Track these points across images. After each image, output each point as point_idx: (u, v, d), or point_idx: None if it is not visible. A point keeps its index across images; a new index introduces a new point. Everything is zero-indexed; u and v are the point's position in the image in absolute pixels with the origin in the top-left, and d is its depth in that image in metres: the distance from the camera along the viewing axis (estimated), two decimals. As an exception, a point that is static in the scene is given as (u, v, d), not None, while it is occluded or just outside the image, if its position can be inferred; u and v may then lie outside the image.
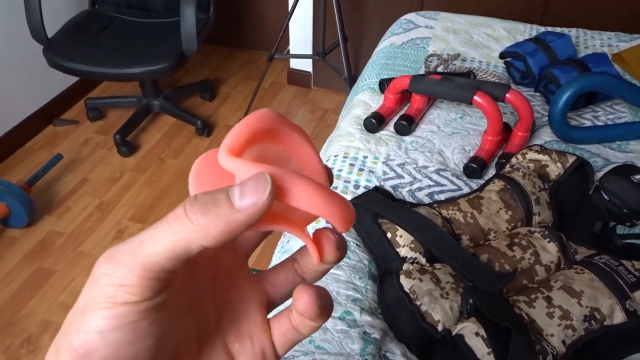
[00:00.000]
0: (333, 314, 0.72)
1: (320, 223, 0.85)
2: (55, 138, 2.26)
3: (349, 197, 0.93)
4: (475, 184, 0.97)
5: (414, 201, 0.94)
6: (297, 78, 2.60)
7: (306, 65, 2.56)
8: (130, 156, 2.17)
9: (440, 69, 1.27)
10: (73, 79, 2.36)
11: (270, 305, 0.28)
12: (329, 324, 0.70)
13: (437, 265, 0.77)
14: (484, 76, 1.24)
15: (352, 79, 2.08)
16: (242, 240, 0.28)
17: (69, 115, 2.38)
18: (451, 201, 0.88)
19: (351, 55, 2.38)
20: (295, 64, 2.58)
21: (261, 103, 2.48)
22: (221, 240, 0.20)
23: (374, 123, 1.07)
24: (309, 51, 2.41)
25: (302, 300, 0.24)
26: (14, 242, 1.79)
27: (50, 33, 1.93)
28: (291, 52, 2.47)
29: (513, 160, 0.95)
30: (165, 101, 2.29)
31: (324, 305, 0.24)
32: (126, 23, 2.14)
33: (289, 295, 0.28)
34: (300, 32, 2.41)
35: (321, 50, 2.15)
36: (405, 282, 0.74)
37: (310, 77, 2.57)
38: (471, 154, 1.03)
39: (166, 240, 0.20)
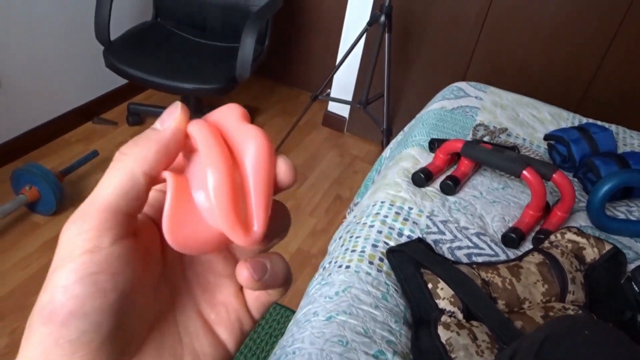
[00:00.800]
0: (367, 350, 0.75)
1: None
2: (93, 135, 2.32)
3: (392, 243, 0.97)
4: (511, 253, 1.01)
5: (453, 258, 0.98)
6: (332, 121, 2.68)
7: (343, 110, 2.64)
8: (161, 165, 2.22)
9: (486, 139, 1.33)
10: (120, 82, 2.45)
11: None
12: (363, 358, 0.73)
13: (474, 323, 0.81)
14: (527, 153, 1.30)
15: (389, 132, 2.16)
16: None
17: (109, 116, 2.45)
18: (490, 265, 0.92)
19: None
20: (332, 107, 2.67)
21: (294, 139, 2.55)
22: (157, 161, 0.22)
23: (422, 178, 1.13)
24: (349, 97, 2.50)
25: (240, 276, 0.24)
26: (37, 228, 1.82)
27: (112, 37, 2.02)
28: (332, 95, 2.56)
29: (552, 237, 1.00)
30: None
31: (265, 276, 0.24)
32: (184, 40, 2.24)
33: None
34: (344, 78, 2.51)
35: (364, 99, 2.23)
36: (443, 333, 0.77)
37: (345, 122, 2.65)
38: (510, 224, 1.08)
39: (114, 179, 0.21)
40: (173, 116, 0.23)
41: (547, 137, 1.35)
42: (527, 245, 1.05)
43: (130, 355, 0.23)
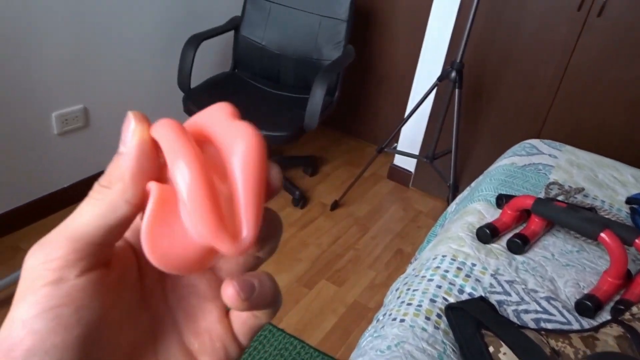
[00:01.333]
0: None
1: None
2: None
3: (452, 299, 0.92)
4: (586, 322, 0.92)
5: (519, 322, 0.90)
6: (397, 174, 2.66)
7: (409, 164, 2.62)
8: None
9: (560, 199, 1.25)
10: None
11: None
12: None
13: (542, 396, 0.73)
14: (606, 216, 1.21)
15: (456, 188, 2.09)
16: None
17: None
18: (561, 333, 0.84)
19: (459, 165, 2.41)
20: (398, 160, 2.65)
21: (358, 190, 2.54)
22: (136, 185, 0.20)
23: (488, 234, 1.07)
24: (415, 150, 2.48)
25: (225, 294, 0.22)
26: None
27: (193, 85, 2.15)
28: (398, 148, 2.55)
29: (634, 309, 0.90)
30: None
31: (253, 295, 0.22)
32: (258, 90, 2.33)
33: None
34: (411, 132, 2.49)
35: (431, 153, 2.20)
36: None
37: (411, 176, 2.62)
38: (585, 291, 0.99)
39: (94, 208, 0.20)
40: (131, 131, 0.21)
41: (629, 201, 1.25)
42: (604, 316, 0.95)
43: None
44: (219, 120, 0.23)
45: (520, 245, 1.05)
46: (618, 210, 1.27)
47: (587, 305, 0.93)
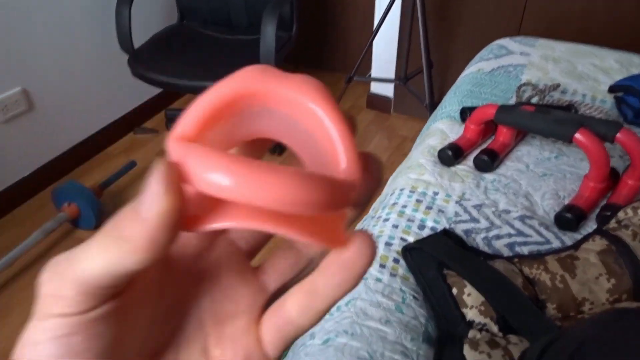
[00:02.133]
0: (373, 384, 0.59)
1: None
2: (134, 145, 2.30)
3: (411, 238, 0.80)
4: (568, 238, 0.81)
5: (490, 251, 0.79)
6: (376, 103, 2.50)
7: (387, 91, 2.45)
8: (201, 169, 2.16)
9: (534, 100, 1.11)
10: (157, 89, 2.42)
11: (270, 301, 0.24)
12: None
13: (513, 339, 0.62)
14: (587, 111, 1.07)
15: (434, 107, 1.94)
16: (238, 234, 0.25)
17: (150, 124, 2.43)
18: (537, 258, 0.72)
19: (436, 83, 2.24)
20: (376, 88, 2.48)
21: (337, 126, 2.39)
22: (152, 258, 0.18)
23: (450, 155, 0.94)
24: (391, 75, 2.31)
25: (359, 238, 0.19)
26: (79, 243, 1.80)
27: (137, 44, 1.97)
28: (373, 75, 2.38)
29: (621, 214, 0.78)
30: (241, 117, 2.27)
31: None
32: (210, 39, 2.15)
33: (290, 285, 0.23)
34: (384, 56, 2.31)
35: (403, 75, 2.03)
36: (470, 355, 0.60)
37: (391, 102, 2.46)
38: (566, 202, 0.86)
39: (100, 257, 0.18)
40: (153, 195, 0.17)
41: (613, 89, 1.10)
42: (591, 226, 0.83)
43: None
44: (262, 80, 0.20)
45: (487, 161, 0.92)
46: (602, 102, 1.12)
47: (567, 218, 0.81)
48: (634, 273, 0.68)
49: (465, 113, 1.05)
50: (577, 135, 0.82)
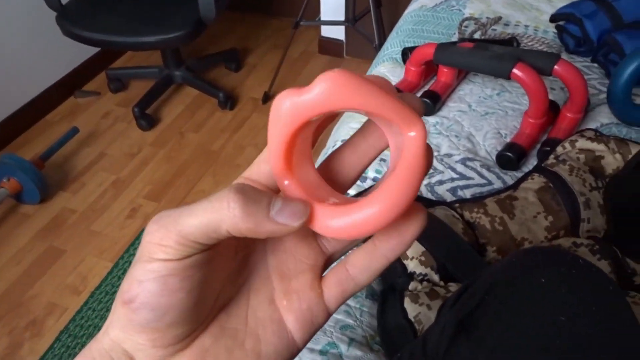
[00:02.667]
0: (312, 346, 0.58)
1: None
2: (76, 110, 2.19)
3: (352, 191, 0.78)
4: (510, 177, 0.80)
5: (433, 197, 0.78)
6: (328, 47, 2.42)
7: (339, 34, 2.37)
8: (149, 130, 2.07)
9: (477, 36, 1.07)
10: (95, 48, 2.28)
11: (328, 262, 0.28)
12: (306, 358, 0.56)
13: (453, 287, 0.61)
14: (530, 43, 1.04)
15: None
16: None
17: (91, 86, 2.31)
18: (477, 201, 0.71)
19: (386, 23, 2.17)
20: (327, 31, 2.40)
21: (290, 73, 2.32)
22: (244, 235, 0.22)
23: (391, 100, 0.90)
24: (342, 18, 2.22)
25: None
26: (26, 219, 1.74)
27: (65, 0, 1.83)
28: (322, 19, 2.28)
29: (559, 149, 0.77)
30: (188, 72, 2.17)
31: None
32: (144, -12, 2.01)
33: (346, 249, 0.28)
34: (333, -3, 2.22)
35: (351, 16, 1.96)
36: (411, 308, 0.59)
37: (343, 45, 2.39)
38: (508, 140, 0.85)
39: (201, 216, 0.22)
40: (290, 221, 0.23)
41: (553, 18, 1.07)
42: (533, 163, 0.82)
43: (194, 336, 0.25)
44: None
45: (429, 104, 0.89)
46: (544, 33, 1.10)
47: (508, 157, 0.80)
48: (571, 208, 0.68)
49: (406, 54, 1.01)
50: (515, 71, 0.79)
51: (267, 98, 2.18)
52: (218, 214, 0.22)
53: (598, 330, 0.40)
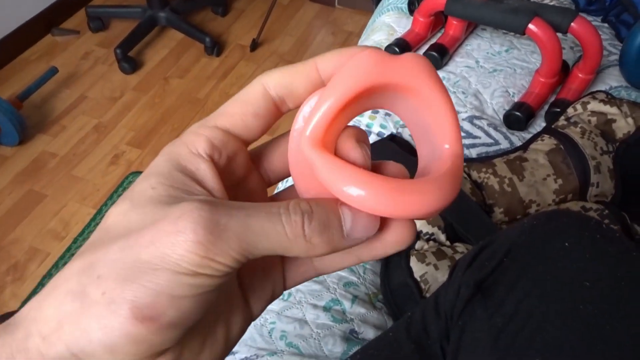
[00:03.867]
0: (316, 302, 0.57)
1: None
2: (54, 49, 2.08)
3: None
4: (517, 137, 0.78)
5: (438, 155, 0.76)
6: (320, -6, 2.33)
7: (331, -20, 2.28)
8: (132, 73, 1.99)
9: (486, -12, 1.03)
10: (74, -16, 2.15)
11: None
12: (310, 315, 0.55)
13: (460, 247, 0.60)
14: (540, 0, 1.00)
15: (381, -2, 1.82)
16: (269, 168, 0.26)
17: (70, 25, 2.18)
18: (485, 161, 0.69)
19: (382, -30, 2.09)
20: (319, -23, 2.30)
21: (279, 21, 2.23)
22: (316, 257, 0.22)
23: (397, 52, 0.86)
24: (335, -37, 2.13)
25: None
26: (4, 161, 1.67)
27: None
28: (315, -37, 2.18)
29: (570, 110, 0.75)
30: (172, 14, 2.06)
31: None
32: None
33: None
34: (326, -60, 2.11)
35: (347, -39, 1.87)
36: (417, 267, 0.58)
37: (335, -7, 2.30)
38: (516, 99, 0.83)
39: (273, 238, 0.20)
40: (365, 234, 0.21)
41: (566, -26, 1.03)
42: (540, 124, 0.81)
43: None
44: (379, 72, 0.20)
45: (437, 58, 0.86)
46: (555, -11, 1.06)
47: (516, 116, 0.78)
48: (581, 172, 0.66)
49: (413, 4, 0.96)
50: (531, 26, 0.76)
51: (256, 46, 2.10)
52: (289, 242, 0.20)
53: (623, 295, 0.39)
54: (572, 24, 0.76)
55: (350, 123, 0.22)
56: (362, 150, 0.21)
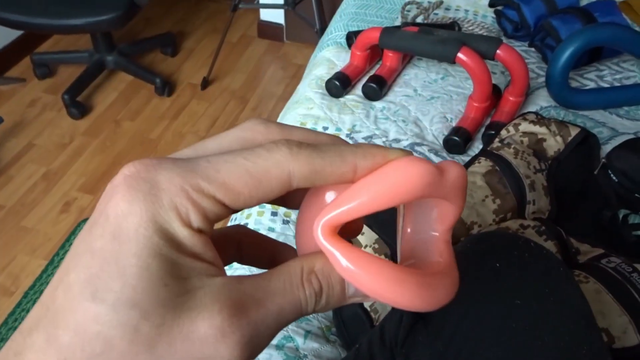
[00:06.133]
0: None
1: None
2: (-1, 98, 2.03)
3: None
4: (458, 161, 0.81)
5: (383, 183, 0.77)
6: (268, 31, 2.37)
7: (278, 17, 2.33)
8: (81, 118, 1.96)
9: (419, 20, 1.08)
10: (18, 32, 2.11)
11: None
12: (262, 355, 0.54)
13: (406, 273, 0.61)
14: (470, 28, 1.05)
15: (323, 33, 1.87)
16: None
17: (14, 73, 2.14)
18: (426, 186, 0.71)
19: (327, 6, 2.15)
20: (266, 15, 2.34)
21: (228, 59, 2.25)
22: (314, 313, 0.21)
23: (338, 86, 0.89)
24: (281, 1, 2.18)
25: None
26: (-54, 219, 1.60)
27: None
28: (261, 1, 2.23)
29: (503, 132, 0.78)
30: (121, 57, 2.06)
31: None
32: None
33: None
34: (271, -22, 2.16)
35: (291, -1, 1.92)
36: (364, 296, 0.58)
37: (283, 29, 2.34)
38: (454, 124, 0.86)
39: (282, 305, 0.19)
40: (363, 297, 0.22)
41: (492, 3, 1.09)
42: (478, 147, 0.84)
43: None
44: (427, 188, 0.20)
45: (376, 89, 0.89)
46: (483, 18, 1.12)
47: (454, 141, 0.81)
48: (517, 191, 0.69)
49: (351, 39, 0.99)
50: (460, 55, 0.80)
51: (206, 84, 2.11)
52: (298, 303, 0.19)
53: (550, 311, 0.41)
54: (497, 50, 0.81)
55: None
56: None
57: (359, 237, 0.64)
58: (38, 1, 1.71)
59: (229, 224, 0.80)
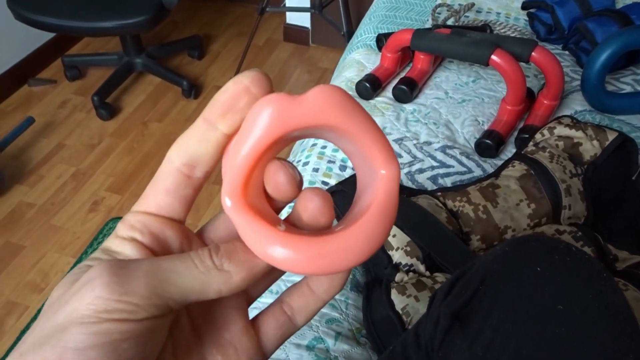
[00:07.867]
0: (299, 342, 0.56)
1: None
2: (31, 99, 2.08)
3: (332, 181, 0.76)
4: (489, 164, 0.79)
5: (414, 186, 0.77)
6: (294, 34, 2.38)
7: (304, 21, 2.33)
8: (110, 120, 1.99)
9: (450, 22, 1.07)
10: (50, 34, 2.17)
11: (250, 301, 0.26)
12: (293, 355, 0.54)
13: (439, 277, 0.61)
14: (502, 31, 1.04)
15: (351, 36, 1.87)
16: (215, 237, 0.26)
17: (46, 74, 2.19)
18: (459, 189, 0.70)
19: (353, 9, 2.15)
20: (292, 18, 2.35)
21: (254, 62, 2.27)
22: (239, 288, 0.21)
23: (368, 88, 0.88)
24: (307, 4, 2.18)
25: (312, 203, 0.22)
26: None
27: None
28: (287, 5, 2.24)
29: (538, 136, 0.77)
30: (149, 59, 2.09)
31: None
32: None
33: (266, 285, 0.27)
34: (298, -18, 2.17)
35: (318, 3, 1.93)
36: (398, 300, 0.58)
37: (309, 33, 2.35)
38: (485, 127, 0.85)
39: (186, 275, 0.20)
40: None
41: (525, 6, 1.07)
42: (511, 151, 0.83)
43: None
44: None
45: (407, 91, 0.88)
46: (516, 20, 1.10)
47: (487, 144, 0.80)
48: (552, 195, 0.68)
49: (381, 41, 0.99)
50: (494, 57, 0.79)
51: (233, 86, 2.12)
52: (202, 277, 0.20)
53: (594, 318, 0.40)
54: (532, 53, 0.80)
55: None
56: (287, 170, 0.21)
57: (390, 239, 0.64)
58: (69, 5, 1.74)
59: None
